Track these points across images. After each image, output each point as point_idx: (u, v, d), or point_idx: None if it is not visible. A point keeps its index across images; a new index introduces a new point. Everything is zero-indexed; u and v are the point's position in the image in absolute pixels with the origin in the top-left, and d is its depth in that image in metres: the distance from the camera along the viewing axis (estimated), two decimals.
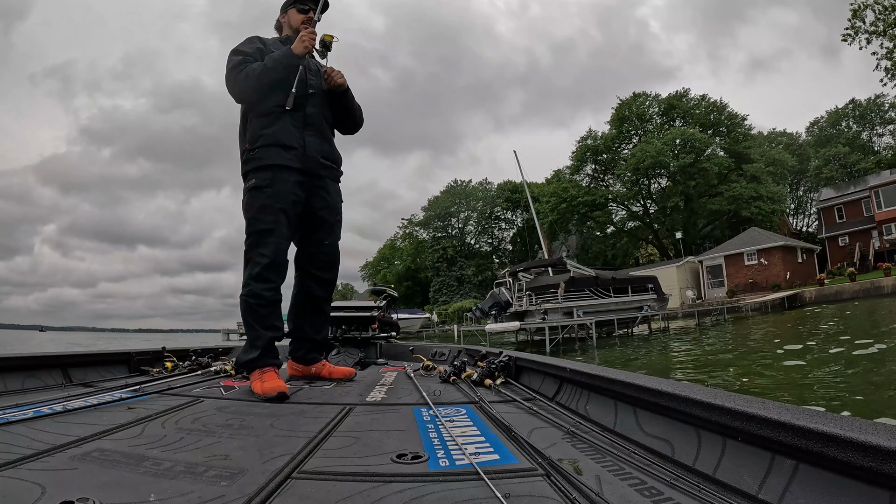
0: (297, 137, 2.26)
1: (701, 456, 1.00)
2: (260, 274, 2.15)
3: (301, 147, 2.27)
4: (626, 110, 42.24)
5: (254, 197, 2.21)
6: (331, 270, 2.51)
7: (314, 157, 2.32)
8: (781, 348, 9.07)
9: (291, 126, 2.25)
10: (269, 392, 1.92)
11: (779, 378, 6.39)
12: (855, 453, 0.70)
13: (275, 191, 2.19)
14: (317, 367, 2.48)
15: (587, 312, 17.32)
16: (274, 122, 2.23)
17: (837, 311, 17.32)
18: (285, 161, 2.22)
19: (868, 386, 5.28)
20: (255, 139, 2.23)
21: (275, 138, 2.22)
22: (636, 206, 43.29)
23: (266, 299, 2.18)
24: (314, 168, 2.33)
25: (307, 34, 2.26)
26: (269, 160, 2.21)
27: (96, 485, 0.88)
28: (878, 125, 42.76)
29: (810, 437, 0.77)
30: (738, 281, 30.65)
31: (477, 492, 0.89)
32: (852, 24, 18.83)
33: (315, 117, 2.35)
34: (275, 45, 2.37)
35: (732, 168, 36.49)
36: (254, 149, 2.23)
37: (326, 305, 2.56)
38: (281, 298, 2.27)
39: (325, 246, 2.44)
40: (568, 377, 1.73)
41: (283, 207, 2.20)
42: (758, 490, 0.84)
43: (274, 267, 2.18)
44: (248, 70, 2.19)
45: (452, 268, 49.96)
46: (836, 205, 34.90)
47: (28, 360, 2.16)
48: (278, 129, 2.23)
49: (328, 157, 2.41)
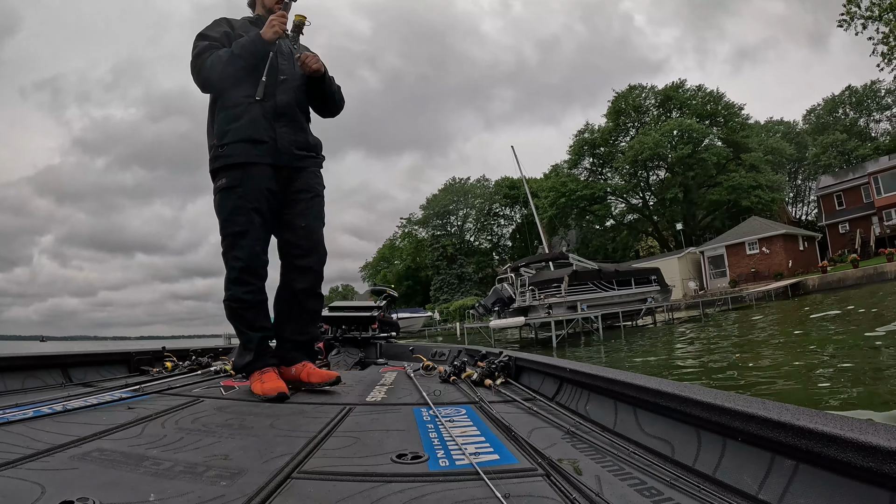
0: (267, 130, 2.12)
1: (701, 456, 1.00)
2: (238, 278, 2.08)
3: (272, 140, 2.13)
4: (622, 103, 42.19)
5: (225, 198, 2.10)
6: (309, 256, 2.25)
7: (287, 150, 2.17)
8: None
9: (262, 118, 2.11)
10: (268, 392, 1.90)
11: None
12: (855, 453, 0.69)
13: (245, 190, 2.07)
14: (297, 369, 2.20)
15: (591, 306, 17.34)
16: (242, 114, 2.10)
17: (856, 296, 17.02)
18: (255, 158, 2.09)
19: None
20: (223, 134, 2.10)
21: (244, 133, 2.08)
22: (635, 199, 43.26)
23: (247, 302, 2.11)
24: (288, 161, 2.18)
25: (277, 18, 2.11)
26: (238, 157, 2.08)
27: (96, 485, 0.88)
28: (874, 111, 42.70)
29: (810, 437, 0.76)
30: (740, 270, 30.64)
31: (477, 492, 0.89)
32: (847, 9, 18.78)
33: (287, 106, 2.19)
34: (243, 28, 2.23)
35: (731, 158, 36.44)
36: (222, 145, 2.10)
37: (311, 301, 2.28)
38: (265, 298, 2.19)
39: (300, 229, 2.22)
40: (568, 377, 1.73)
41: (255, 207, 2.08)
42: (758, 490, 0.84)
43: (250, 270, 2.09)
44: (214, 57, 2.07)
45: (453, 266, 50.00)
46: (835, 192, 34.87)
47: (28, 360, 2.16)
48: (247, 123, 2.09)
49: (303, 147, 2.25)
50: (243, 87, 2.09)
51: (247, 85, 2.08)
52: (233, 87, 2.11)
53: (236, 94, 2.11)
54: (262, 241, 2.14)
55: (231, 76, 2.07)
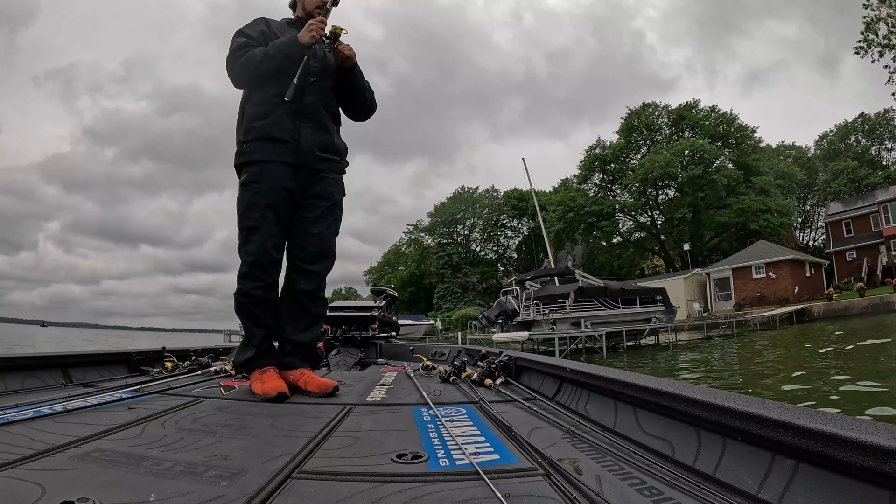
0: (290, 130, 2.14)
1: (701, 456, 1.00)
2: (248, 272, 2.10)
3: (295, 140, 2.14)
4: (634, 120, 42.20)
5: (243, 192, 2.14)
6: (317, 263, 2.25)
7: (310, 151, 2.18)
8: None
9: (286, 118, 2.13)
10: (268, 392, 1.90)
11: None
12: (855, 453, 0.70)
13: (263, 186, 2.10)
14: (294, 375, 2.14)
15: (595, 323, 17.18)
16: (269, 113, 2.12)
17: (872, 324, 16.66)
18: (276, 156, 2.12)
19: None
20: (248, 131, 2.14)
21: (267, 131, 2.12)
22: (643, 217, 43.11)
23: (256, 297, 2.12)
24: (310, 162, 2.19)
25: (315, 23, 2.12)
26: (258, 154, 2.12)
27: (96, 485, 0.89)
28: (886, 140, 42.47)
29: (810, 437, 0.76)
30: (745, 294, 30.38)
31: (477, 492, 0.89)
32: (865, 36, 18.75)
33: (312, 107, 2.20)
34: (280, 29, 2.26)
35: (741, 180, 36.30)
36: (246, 142, 2.15)
37: (314, 305, 2.27)
38: (275, 297, 2.20)
39: (312, 236, 2.22)
40: (568, 377, 1.73)
41: (270, 203, 2.10)
42: (758, 490, 0.84)
43: (259, 265, 2.10)
44: (249, 55, 2.10)
45: (457, 275, 49.92)
46: (844, 219, 34.61)
47: (28, 360, 2.17)
48: (271, 122, 2.12)
49: (326, 150, 2.24)
50: (273, 87, 2.11)
51: (277, 85, 2.10)
52: (263, 85, 2.14)
53: (265, 92, 2.13)
54: (275, 237, 2.14)
55: (263, 74, 2.10)
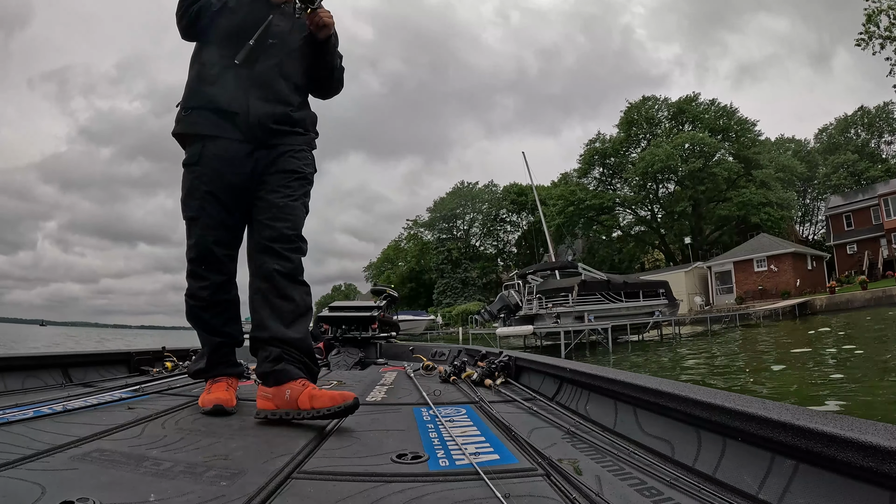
0: (238, 98, 1.75)
1: (701, 456, 1.00)
2: (191, 270, 1.80)
3: (244, 112, 1.74)
4: (634, 113, 42.07)
5: (184, 176, 1.80)
6: (284, 240, 1.74)
7: (262, 124, 1.77)
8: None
9: (236, 85, 1.75)
10: (205, 405, 1.65)
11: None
12: (855, 453, 0.70)
13: (203, 169, 1.75)
14: (292, 391, 1.54)
15: (598, 317, 17.22)
16: (216, 77, 1.76)
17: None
18: (220, 131, 1.75)
19: None
20: (191, 96, 1.80)
21: (211, 99, 1.75)
22: (644, 211, 43.04)
23: (203, 299, 1.80)
24: (263, 136, 1.78)
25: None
26: (199, 128, 1.77)
27: (96, 485, 0.89)
28: (886, 133, 42.34)
29: (810, 437, 0.76)
30: (747, 287, 30.38)
31: (477, 492, 0.89)
32: (866, 28, 18.69)
33: (267, 73, 1.79)
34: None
35: (741, 174, 36.24)
36: (186, 108, 1.79)
37: (296, 290, 1.73)
38: (229, 299, 1.87)
39: (277, 209, 1.76)
40: (568, 377, 1.73)
41: (211, 190, 1.74)
42: (758, 490, 0.84)
43: (202, 261, 1.77)
44: (204, 3, 1.77)
45: (457, 270, 49.91)
46: (844, 212, 34.56)
47: (28, 360, 2.17)
48: (218, 89, 1.75)
49: (282, 121, 1.82)
50: (227, 46, 1.74)
51: (229, 44, 1.74)
52: (215, 41, 1.79)
53: (216, 51, 1.78)
54: (218, 230, 1.78)
55: (216, 28, 1.77)
